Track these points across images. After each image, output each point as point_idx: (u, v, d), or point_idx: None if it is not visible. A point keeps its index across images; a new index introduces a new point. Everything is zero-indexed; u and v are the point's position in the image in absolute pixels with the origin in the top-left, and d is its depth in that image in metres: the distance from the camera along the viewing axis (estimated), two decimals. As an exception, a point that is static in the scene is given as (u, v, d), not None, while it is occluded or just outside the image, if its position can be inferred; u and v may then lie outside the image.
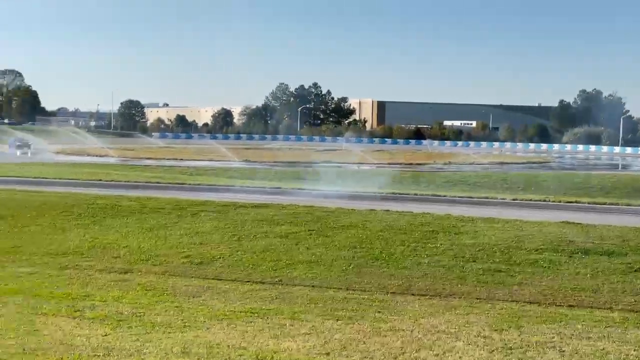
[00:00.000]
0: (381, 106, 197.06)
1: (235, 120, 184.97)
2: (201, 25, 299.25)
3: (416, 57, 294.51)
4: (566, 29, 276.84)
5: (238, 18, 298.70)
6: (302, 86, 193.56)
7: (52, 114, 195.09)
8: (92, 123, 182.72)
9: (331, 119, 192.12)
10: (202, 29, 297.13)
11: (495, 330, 12.46)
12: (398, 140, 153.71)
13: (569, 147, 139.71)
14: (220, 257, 19.80)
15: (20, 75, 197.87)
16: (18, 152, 76.95)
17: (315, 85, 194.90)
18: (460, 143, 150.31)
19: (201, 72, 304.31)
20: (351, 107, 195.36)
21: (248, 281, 17.36)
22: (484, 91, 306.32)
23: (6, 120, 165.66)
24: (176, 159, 70.54)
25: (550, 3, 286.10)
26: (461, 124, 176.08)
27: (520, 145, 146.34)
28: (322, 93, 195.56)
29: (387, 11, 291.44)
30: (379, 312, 13.96)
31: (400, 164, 73.25)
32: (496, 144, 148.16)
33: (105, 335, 10.99)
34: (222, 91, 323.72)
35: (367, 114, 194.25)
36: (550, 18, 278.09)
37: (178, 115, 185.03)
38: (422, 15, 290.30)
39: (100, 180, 39.71)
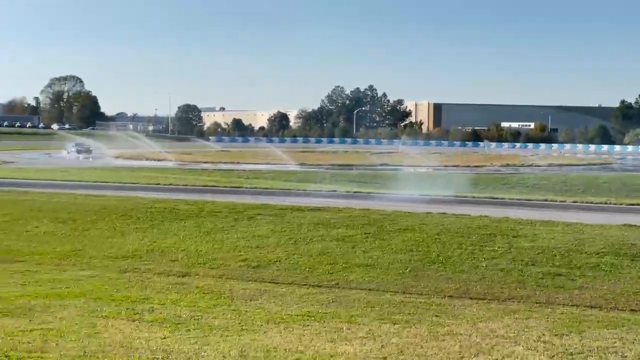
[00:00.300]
0: (437, 108, 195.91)
1: (291, 124, 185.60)
2: (257, 29, 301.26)
3: (474, 58, 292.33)
4: (626, 30, 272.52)
5: (294, 21, 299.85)
6: (357, 89, 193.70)
7: (111, 118, 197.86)
8: (150, 127, 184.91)
9: (387, 122, 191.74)
10: (259, 33, 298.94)
11: (556, 335, 12.27)
12: (454, 142, 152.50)
13: (630, 148, 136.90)
14: (276, 261, 19.86)
15: (80, 80, 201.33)
16: (80, 157, 78.01)
17: (371, 87, 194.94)
18: (518, 145, 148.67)
19: (258, 76, 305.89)
20: (407, 110, 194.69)
21: (305, 284, 17.39)
22: (543, 92, 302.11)
23: (67, 126, 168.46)
24: (233, 163, 70.91)
25: (610, 5, 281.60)
26: (519, 125, 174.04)
27: (580, 146, 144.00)
28: (378, 95, 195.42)
29: (442, 12, 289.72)
30: (437, 316, 13.85)
31: (457, 166, 72.66)
32: (555, 146, 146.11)
33: (164, 338, 11.08)
34: (278, 95, 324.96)
35: (423, 116, 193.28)
36: (608, 20, 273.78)
37: (234, 119, 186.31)
38: (479, 16, 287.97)
39: (159, 184, 40.08)
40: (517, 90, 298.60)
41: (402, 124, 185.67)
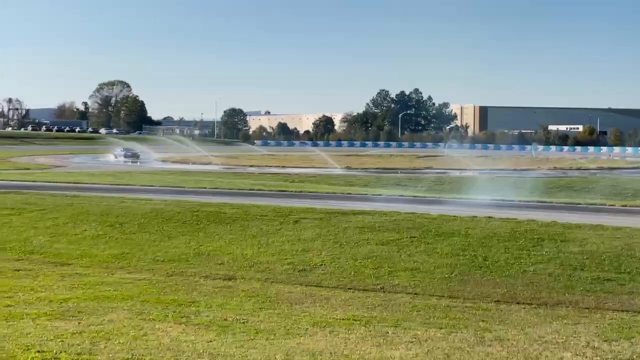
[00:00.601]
0: (483, 111, 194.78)
1: (336, 127, 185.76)
2: (303, 33, 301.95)
3: (520, 60, 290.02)
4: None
5: (339, 25, 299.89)
6: (402, 92, 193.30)
7: (158, 123, 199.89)
8: (196, 131, 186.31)
9: (432, 125, 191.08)
10: (303, 37, 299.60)
11: (605, 340, 12.10)
12: (501, 145, 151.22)
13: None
14: (322, 264, 19.87)
15: (127, 85, 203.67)
16: (128, 161, 78.53)
17: (416, 91, 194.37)
18: (565, 148, 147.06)
19: (302, 80, 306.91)
20: (453, 113, 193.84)
21: (350, 288, 17.38)
22: (592, 95, 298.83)
23: (115, 130, 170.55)
24: (278, 167, 71.22)
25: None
26: (567, 128, 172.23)
27: (629, 149, 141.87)
28: (423, 99, 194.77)
29: (489, 14, 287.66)
30: (483, 320, 13.75)
31: (504, 169, 72.10)
32: (604, 149, 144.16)
33: (210, 341, 11.13)
34: (323, 98, 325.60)
35: (469, 119, 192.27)
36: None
37: (280, 123, 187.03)
38: (523, 16, 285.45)
39: (205, 187, 40.35)
40: (565, 93, 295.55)
41: (448, 127, 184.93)
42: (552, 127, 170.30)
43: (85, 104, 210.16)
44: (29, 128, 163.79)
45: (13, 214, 28.14)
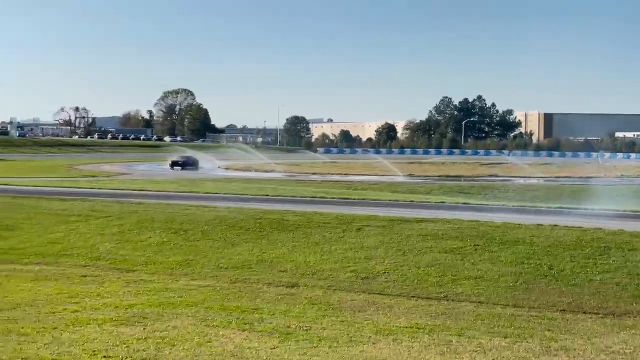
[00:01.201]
0: (548, 118, 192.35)
1: (398, 135, 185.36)
2: (364, 40, 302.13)
3: (586, 65, 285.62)
4: None
5: (401, 32, 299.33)
6: (465, 99, 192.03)
7: (222, 130, 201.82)
8: (259, 139, 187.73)
9: (496, 132, 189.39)
10: (366, 44, 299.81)
11: (675, 352, 11.81)
12: (566, 153, 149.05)
13: None
14: (385, 272, 19.80)
15: (191, 93, 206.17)
16: (183, 170, 75.79)
17: (479, 98, 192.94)
18: (633, 155, 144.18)
19: (365, 87, 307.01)
20: (517, 120, 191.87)
21: (413, 296, 17.29)
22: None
23: (179, 138, 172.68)
24: (340, 174, 71.22)
25: None
26: (634, 135, 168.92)
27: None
28: (487, 106, 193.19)
29: (552, 20, 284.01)
30: (549, 330, 13.55)
31: (569, 177, 71.01)
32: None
33: (274, 348, 11.16)
34: (385, 106, 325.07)
35: (533, 126, 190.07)
36: None
37: (342, 130, 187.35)
38: (592, 18, 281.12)
39: (268, 195, 40.52)
40: (633, 100, 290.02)
41: (512, 134, 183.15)
42: (619, 134, 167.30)
43: (150, 112, 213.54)
44: (95, 136, 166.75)
45: (80, 220, 28.66)
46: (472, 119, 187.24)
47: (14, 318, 12.74)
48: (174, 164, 78.58)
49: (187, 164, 78.99)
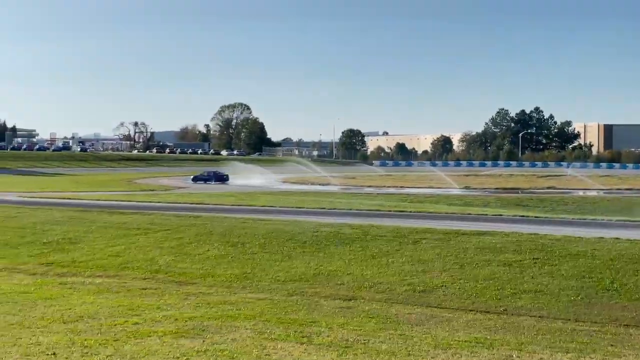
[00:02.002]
0: (608, 129, 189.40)
1: (454, 147, 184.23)
2: (414, 54, 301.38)
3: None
4: None
5: (456, 45, 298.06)
6: (522, 111, 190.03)
7: (278, 144, 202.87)
8: (315, 152, 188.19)
9: (554, 144, 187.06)
10: (415, 59, 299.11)
11: None
12: (627, 165, 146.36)
13: None
14: (442, 285, 19.69)
15: (248, 108, 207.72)
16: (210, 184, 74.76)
17: (537, 109, 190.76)
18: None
19: (420, 100, 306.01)
20: (575, 132, 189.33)
21: (471, 310, 17.15)
22: None
23: (235, 152, 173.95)
24: (396, 187, 71.01)
25: None
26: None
27: None
28: (545, 117, 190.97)
29: (607, 29, 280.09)
30: (612, 345, 13.33)
31: (630, 189, 69.70)
32: None
33: (332, 361, 11.15)
34: (441, 118, 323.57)
35: (592, 138, 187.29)
36: None
37: (398, 143, 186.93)
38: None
39: (323, 208, 40.56)
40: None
41: (570, 146, 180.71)
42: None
43: (207, 126, 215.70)
44: (154, 150, 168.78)
45: (140, 234, 29.05)
46: (529, 131, 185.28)
47: (77, 330, 12.94)
48: (195, 179, 77.77)
49: (211, 178, 77.66)
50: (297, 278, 21.22)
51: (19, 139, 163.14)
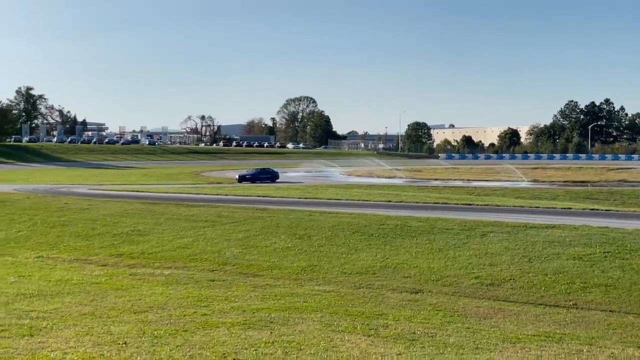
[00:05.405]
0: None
1: (522, 140, 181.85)
2: (479, 47, 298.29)
3: None
4: None
5: (523, 35, 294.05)
6: (592, 103, 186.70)
7: (343, 137, 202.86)
8: (380, 145, 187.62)
9: (625, 137, 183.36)
10: (481, 51, 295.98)
11: None
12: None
13: None
14: (510, 279, 19.49)
15: (313, 101, 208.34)
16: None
17: (607, 101, 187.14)
18: None
19: (487, 92, 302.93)
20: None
21: (540, 304, 16.95)
22: None
23: (301, 145, 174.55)
24: (462, 180, 70.44)
25: None
26: None
27: None
28: (615, 109, 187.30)
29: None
30: (685, 340, 13.03)
31: None
32: None
33: (399, 354, 11.11)
34: (508, 111, 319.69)
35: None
36: None
37: (464, 136, 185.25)
38: None
39: (390, 201, 40.44)
40: None
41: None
42: None
43: (273, 119, 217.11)
44: (221, 144, 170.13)
45: (207, 226, 29.38)
46: (599, 123, 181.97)
47: (147, 320, 13.15)
48: (241, 178, 66.38)
49: (254, 178, 66.57)
50: (363, 270, 21.23)
51: (89, 133, 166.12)
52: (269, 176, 67.58)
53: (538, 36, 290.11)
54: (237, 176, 67.24)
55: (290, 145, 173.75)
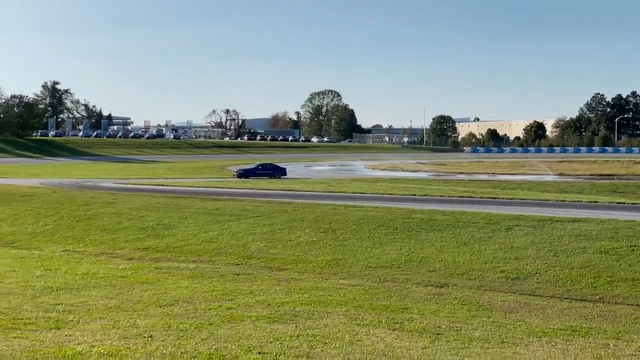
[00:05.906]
0: None
1: (547, 133, 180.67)
2: (510, 37, 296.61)
3: None
4: None
5: (548, 27, 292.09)
6: (619, 95, 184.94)
7: (368, 131, 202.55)
8: (405, 139, 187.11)
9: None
10: (512, 42, 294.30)
11: None
12: None
13: None
14: (536, 273, 19.40)
15: (338, 95, 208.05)
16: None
17: (634, 94, 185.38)
18: None
19: (512, 85, 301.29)
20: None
21: (566, 298, 16.87)
22: None
23: (326, 139, 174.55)
24: (488, 173, 70.17)
25: None
26: None
27: None
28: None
29: None
30: None
31: None
32: None
33: (425, 348, 11.10)
34: (533, 104, 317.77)
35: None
36: None
37: (489, 130, 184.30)
38: None
39: (414, 195, 40.36)
40: None
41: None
42: None
43: (297, 113, 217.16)
44: (245, 137, 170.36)
45: (232, 220, 29.46)
46: (626, 116, 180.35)
47: (172, 314, 13.23)
48: (240, 174, 63.06)
49: (256, 173, 63.81)
50: (388, 264, 21.21)
51: (115, 127, 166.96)
52: (270, 172, 64.83)
53: (565, 28, 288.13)
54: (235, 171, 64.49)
55: (314, 139, 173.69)
